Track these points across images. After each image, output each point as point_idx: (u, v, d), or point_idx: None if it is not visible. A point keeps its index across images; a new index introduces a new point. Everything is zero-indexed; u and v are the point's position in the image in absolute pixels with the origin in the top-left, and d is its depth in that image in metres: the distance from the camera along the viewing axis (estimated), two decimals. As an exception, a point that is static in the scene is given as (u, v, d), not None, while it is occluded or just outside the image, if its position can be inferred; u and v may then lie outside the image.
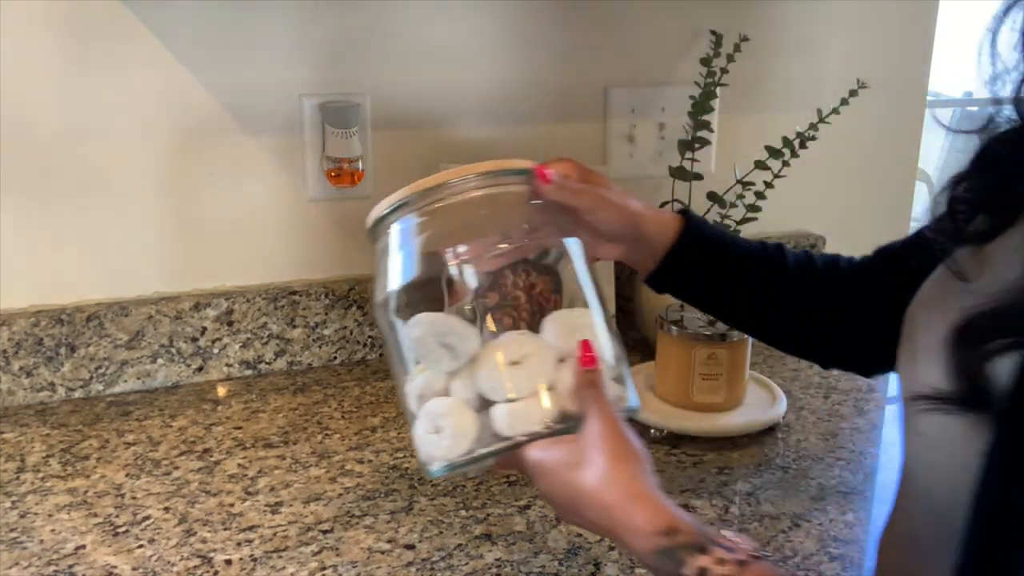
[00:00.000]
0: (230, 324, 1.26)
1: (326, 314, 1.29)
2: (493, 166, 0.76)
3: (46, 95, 1.14)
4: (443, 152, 1.32)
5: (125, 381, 1.23)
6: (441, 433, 0.71)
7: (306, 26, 1.22)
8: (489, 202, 0.77)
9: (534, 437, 0.69)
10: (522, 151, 1.36)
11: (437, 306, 0.74)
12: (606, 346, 0.75)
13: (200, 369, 1.26)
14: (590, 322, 0.76)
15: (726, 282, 0.85)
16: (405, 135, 1.31)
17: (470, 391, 0.71)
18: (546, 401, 0.70)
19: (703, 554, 0.59)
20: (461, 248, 0.75)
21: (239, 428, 1.14)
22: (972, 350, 0.52)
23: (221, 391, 1.24)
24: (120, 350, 1.21)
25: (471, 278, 0.75)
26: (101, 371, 1.21)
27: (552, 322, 0.74)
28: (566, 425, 0.69)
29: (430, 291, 0.75)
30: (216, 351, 1.26)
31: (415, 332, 0.73)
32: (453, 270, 0.74)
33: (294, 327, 1.29)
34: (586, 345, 0.69)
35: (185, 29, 1.17)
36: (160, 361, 1.24)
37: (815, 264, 0.89)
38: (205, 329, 1.25)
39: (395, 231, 0.77)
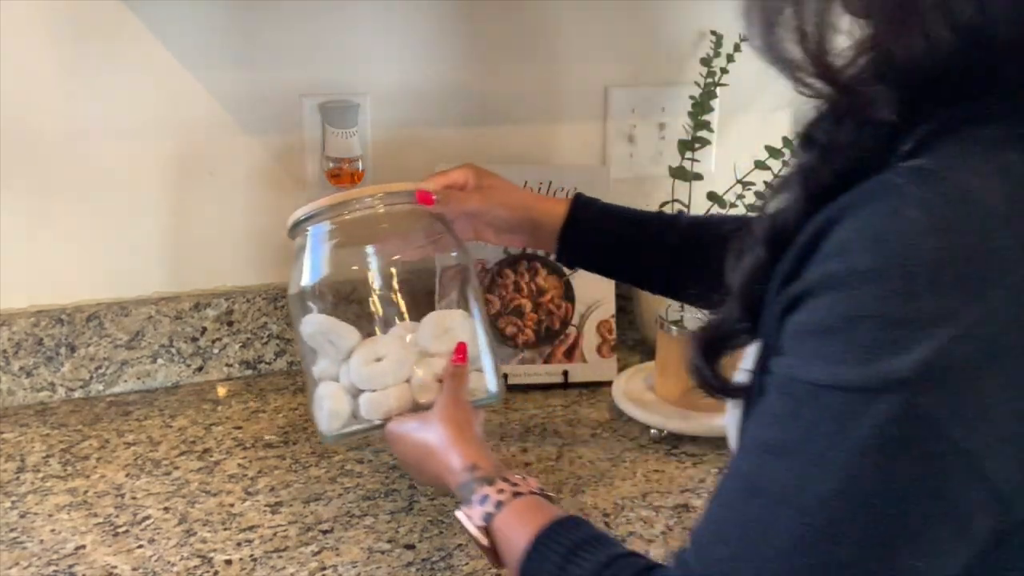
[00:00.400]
0: (230, 324, 1.26)
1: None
2: (386, 189, 0.92)
3: (46, 96, 1.14)
4: (443, 152, 1.32)
5: (125, 381, 1.23)
6: (322, 411, 0.90)
7: (306, 26, 1.22)
8: (390, 217, 0.93)
9: (386, 421, 0.86)
10: (522, 151, 1.37)
11: (343, 299, 0.92)
12: (473, 344, 0.91)
13: (200, 369, 1.26)
14: (461, 323, 0.92)
15: (621, 247, 0.95)
16: (405, 135, 1.31)
17: (347, 379, 0.89)
18: (398, 393, 0.87)
19: (490, 486, 0.73)
20: (381, 247, 0.93)
21: (239, 428, 1.14)
22: (699, 352, 0.61)
23: (221, 391, 1.24)
24: (120, 350, 1.21)
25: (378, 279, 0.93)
26: (101, 371, 1.21)
27: (429, 321, 0.91)
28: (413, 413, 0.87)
29: (336, 287, 0.92)
30: (216, 351, 1.26)
31: (307, 329, 0.91)
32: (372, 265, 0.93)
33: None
34: (461, 347, 0.88)
35: (185, 29, 1.17)
36: (160, 361, 1.24)
37: (714, 221, 0.95)
38: (205, 329, 1.25)
39: (310, 234, 0.92)
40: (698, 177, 1.33)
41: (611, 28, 1.37)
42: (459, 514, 0.74)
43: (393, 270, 0.93)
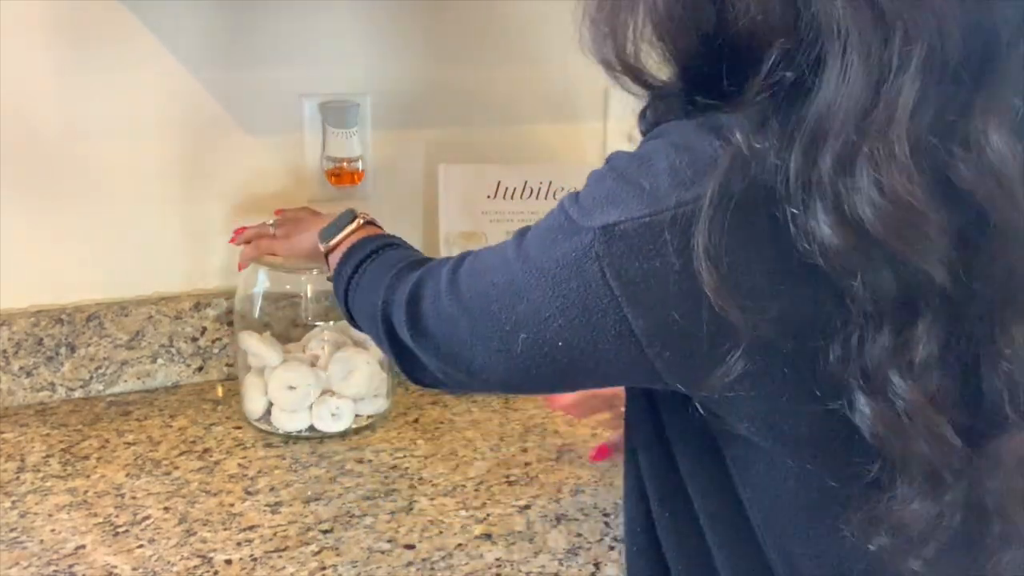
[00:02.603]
0: (230, 324, 1.26)
1: (326, 315, 1.29)
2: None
3: (46, 95, 1.14)
4: (443, 152, 1.32)
5: (125, 381, 1.23)
6: (243, 400, 1.15)
7: (306, 26, 1.22)
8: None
9: (291, 437, 1.12)
10: (522, 151, 1.37)
11: (275, 313, 1.19)
12: (372, 380, 1.14)
13: (200, 369, 1.26)
14: (363, 366, 1.13)
15: None
16: (405, 135, 1.31)
17: (267, 387, 1.13)
18: (300, 420, 1.11)
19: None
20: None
21: (239, 428, 1.14)
22: None
23: (221, 391, 1.24)
24: (120, 350, 1.21)
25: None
26: (101, 371, 1.21)
27: (338, 362, 1.13)
28: (316, 435, 1.12)
29: (268, 314, 1.18)
30: (216, 351, 1.26)
31: (242, 345, 1.15)
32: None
33: (295, 327, 1.29)
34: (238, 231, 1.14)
35: (185, 29, 1.17)
36: (160, 361, 1.24)
37: None
38: (205, 329, 1.25)
39: (258, 272, 1.16)
40: (698, 177, 1.33)
41: (611, 28, 1.37)
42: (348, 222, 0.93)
43: (316, 300, 1.19)
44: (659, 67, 0.63)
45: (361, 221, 0.92)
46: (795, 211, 0.53)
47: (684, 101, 0.61)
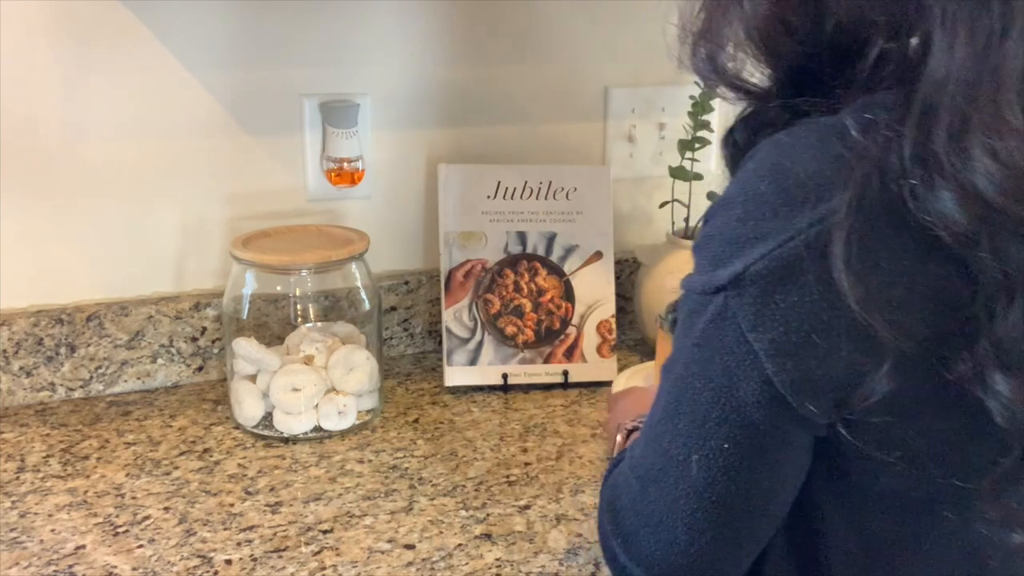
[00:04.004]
0: (230, 324, 1.26)
1: (325, 315, 1.29)
2: (329, 257, 1.14)
3: (46, 95, 1.14)
4: (443, 152, 1.32)
5: (125, 381, 1.23)
6: (240, 407, 1.13)
7: (306, 26, 1.22)
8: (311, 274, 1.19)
9: (294, 438, 1.11)
10: (522, 151, 1.37)
11: (267, 311, 1.20)
12: (373, 376, 1.15)
13: (200, 369, 1.26)
14: (363, 363, 1.14)
15: None
16: (405, 135, 1.31)
17: (264, 385, 1.13)
18: (306, 422, 1.11)
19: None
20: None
21: (239, 428, 1.14)
22: None
23: (221, 391, 1.24)
24: (120, 350, 1.21)
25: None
26: (101, 371, 1.21)
27: (338, 360, 1.13)
28: (318, 435, 1.12)
29: (259, 312, 1.18)
30: (216, 351, 1.26)
31: (238, 350, 1.13)
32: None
33: (294, 327, 1.29)
34: None
35: (185, 29, 1.17)
36: (160, 361, 1.24)
37: None
38: (205, 329, 1.25)
39: (246, 273, 1.15)
40: (698, 177, 1.33)
41: (611, 28, 1.37)
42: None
43: (305, 301, 1.20)
44: (752, 75, 0.63)
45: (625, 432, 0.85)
46: (914, 184, 0.51)
47: (780, 108, 0.60)
